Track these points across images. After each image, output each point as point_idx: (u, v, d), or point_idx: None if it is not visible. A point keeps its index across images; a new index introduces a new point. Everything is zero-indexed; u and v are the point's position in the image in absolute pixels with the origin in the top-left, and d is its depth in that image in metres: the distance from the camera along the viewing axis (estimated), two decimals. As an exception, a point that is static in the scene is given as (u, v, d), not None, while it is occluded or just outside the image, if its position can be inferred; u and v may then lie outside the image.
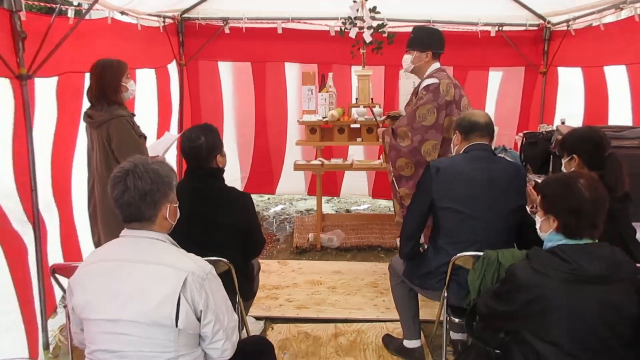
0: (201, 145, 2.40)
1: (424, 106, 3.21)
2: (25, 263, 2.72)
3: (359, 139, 4.66)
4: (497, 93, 5.30)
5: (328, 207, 5.83)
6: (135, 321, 1.61)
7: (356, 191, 5.82)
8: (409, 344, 2.84)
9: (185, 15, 4.96)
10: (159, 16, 4.54)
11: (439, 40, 3.39)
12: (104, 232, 2.91)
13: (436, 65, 3.35)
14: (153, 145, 3.31)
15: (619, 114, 3.87)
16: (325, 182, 4.98)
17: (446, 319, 2.52)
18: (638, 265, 1.81)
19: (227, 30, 4.99)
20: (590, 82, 4.33)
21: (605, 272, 1.68)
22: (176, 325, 1.61)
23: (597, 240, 1.78)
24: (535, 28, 4.93)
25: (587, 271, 1.67)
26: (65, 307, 2.27)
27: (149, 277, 1.64)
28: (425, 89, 3.25)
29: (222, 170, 2.53)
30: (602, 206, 1.75)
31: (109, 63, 2.88)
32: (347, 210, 5.82)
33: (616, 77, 3.94)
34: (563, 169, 2.46)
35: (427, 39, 3.38)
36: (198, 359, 1.73)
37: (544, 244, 1.85)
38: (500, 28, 4.86)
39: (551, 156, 3.66)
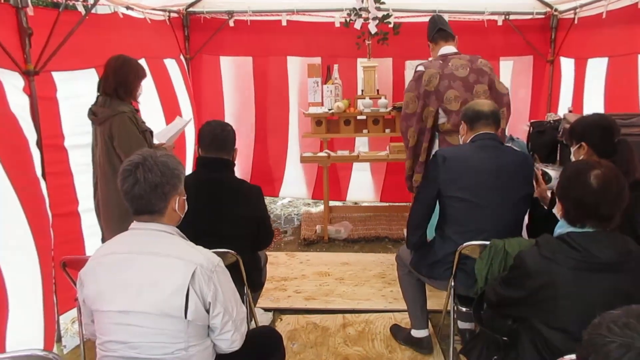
0: (230, 131, 2.55)
1: (407, 94, 3.33)
2: (49, 253, 2.76)
3: (365, 131, 4.67)
4: (510, 83, 5.26)
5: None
6: (145, 312, 1.63)
7: (364, 197, 5.66)
8: (417, 333, 2.86)
9: (191, 9, 4.96)
10: (164, 10, 4.54)
11: (432, 25, 3.43)
12: (105, 227, 2.94)
13: (442, 50, 3.34)
14: (162, 132, 3.30)
15: (618, 105, 3.83)
16: (330, 190, 4.88)
17: (453, 308, 2.53)
18: None
19: (231, 24, 4.98)
20: (593, 72, 4.30)
21: (615, 260, 1.67)
22: (185, 317, 1.63)
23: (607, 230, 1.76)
24: (542, 16, 4.88)
25: (596, 259, 1.66)
26: (76, 299, 2.29)
27: (158, 270, 1.65)
28: (413, 75, 3.34)
29: (234, 164, 2.61)
30: (612, 199, 1.70)
31: (130, 61, 2.91)
32: (355, 202, 5.81)
33: (616, 67, 3.91)
34: (572, 157, 2.44)
35: (429, 30, 3.45)
36: (207, 349, 1.76)
37: (554, 231, 1.85)
38: (507, 17, 4.82)
39: (559, 145, 3.63)
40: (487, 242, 2.27)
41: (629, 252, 1.71)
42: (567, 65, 4.73)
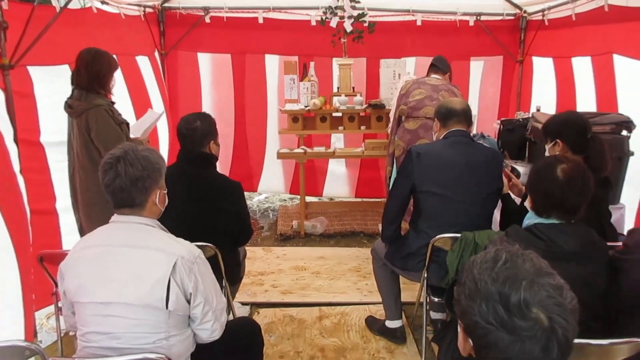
0: (197, 128, 2.51)
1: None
2: (27, 249, 2.75)
3: (340, 127, 4.73)
4: (479, 82, 5.40)
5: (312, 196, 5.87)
6: (126, 303, 1.66)
7: (340, 192, 5.75)
8: (391, 324, 2.95)
9: (166, 4, 4.94)
10: (139, 5, 4.52)
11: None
12: (84, 218, 2.94)
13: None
14: (136, 125, 3.30)
15: (585, 104, 3.99)
16: (307, 186, 4.98)
17: (426, 299, 2.61)
18: (609, 244, 1.91)
19: (207, 20, 4.97)
20: (560, 72, 4.46)
21: (578, 250, 1.77)
22: (166, 307, 1.67)
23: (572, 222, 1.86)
24: (512, 17, 5.03)
25: (561, 248, 1.76)
26: (53, 294, 2.30)
27: (139, 262, 1.68)
28: None
29: (215, 158, 2.61)
30: (577, 192, 1.80)
31: (102, 54, 2.91)
32: (330, 198, 5.88)
33: (583, 67, 4.06)
34: (547, 154, 2.51)
35: None
36: (188, 339, 1.80)
37: (523, 222, 1.94)
38: (479, 17, 4.94)
39: (527, 142, 3.76)
40: (459, 235, 2.36)
41: (592, 243, 1.82)
42: (540, 65, 4.87)
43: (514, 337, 0.94)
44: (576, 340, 1.56)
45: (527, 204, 1.96)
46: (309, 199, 5.31)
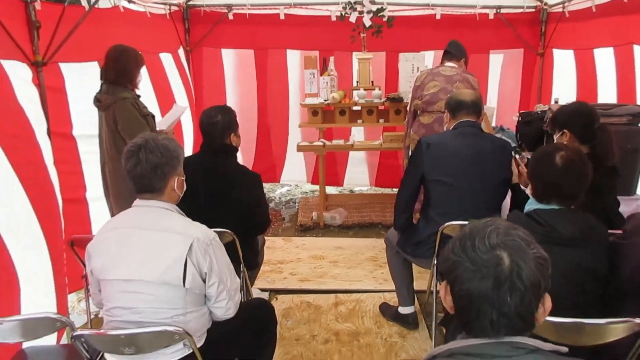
0: (217, 122, 2.63)
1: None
2: (59, 236, 2.92)
3: (359, 121, 4.81)
4: (499, 75, 5.40)
5: (332, 188, 5.98)
6: (147, 281, 1.79)
7: (359, 182, 5.89)
8: (404, 310, 3.03)
9: (191, 2, 5.10)
10: (165, 3, 4.68)
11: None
12: (116, 206, 3.11)
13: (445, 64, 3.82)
14: (163, 120, 3.48)
15: (606, 95, 3.97)
16: (328, 175, 5.12)
17: (436, 285, 2.69)
18: (611, 231, 1.96)
19: (230, 17, 5.12)
20: (581, 64, 4.44)
21: (577, 235, 1.82)
22: (184, 285, 1.80)
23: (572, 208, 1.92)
24: (533, 10, 5.01)
25: (559, 233, 1.82)
26: (83, 277, 2.45)
27: (159, 243, 1.82)
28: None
29: (235, 149, 2.73)
30: (575, 179, 1.86)
31: (129, 50, 3.07)
32: (351, 190, 5.98)
33: (605, 58, 4.04)
34: None
35: None
36: (204, 316, 1.93)
37: (524, 208, 2.01)
38: (498, 10, 4.94)
39: (544, 135, 3.77)
40: (467, 223, 2.42)
41: (591, 229, 1.87)
42: (561, 57, 4.85)
43: (474, 267, 1.01)
44: (573, 320, 1.66)
45: (528, 190, 2.02)
46: (329, 190, 5.41)
